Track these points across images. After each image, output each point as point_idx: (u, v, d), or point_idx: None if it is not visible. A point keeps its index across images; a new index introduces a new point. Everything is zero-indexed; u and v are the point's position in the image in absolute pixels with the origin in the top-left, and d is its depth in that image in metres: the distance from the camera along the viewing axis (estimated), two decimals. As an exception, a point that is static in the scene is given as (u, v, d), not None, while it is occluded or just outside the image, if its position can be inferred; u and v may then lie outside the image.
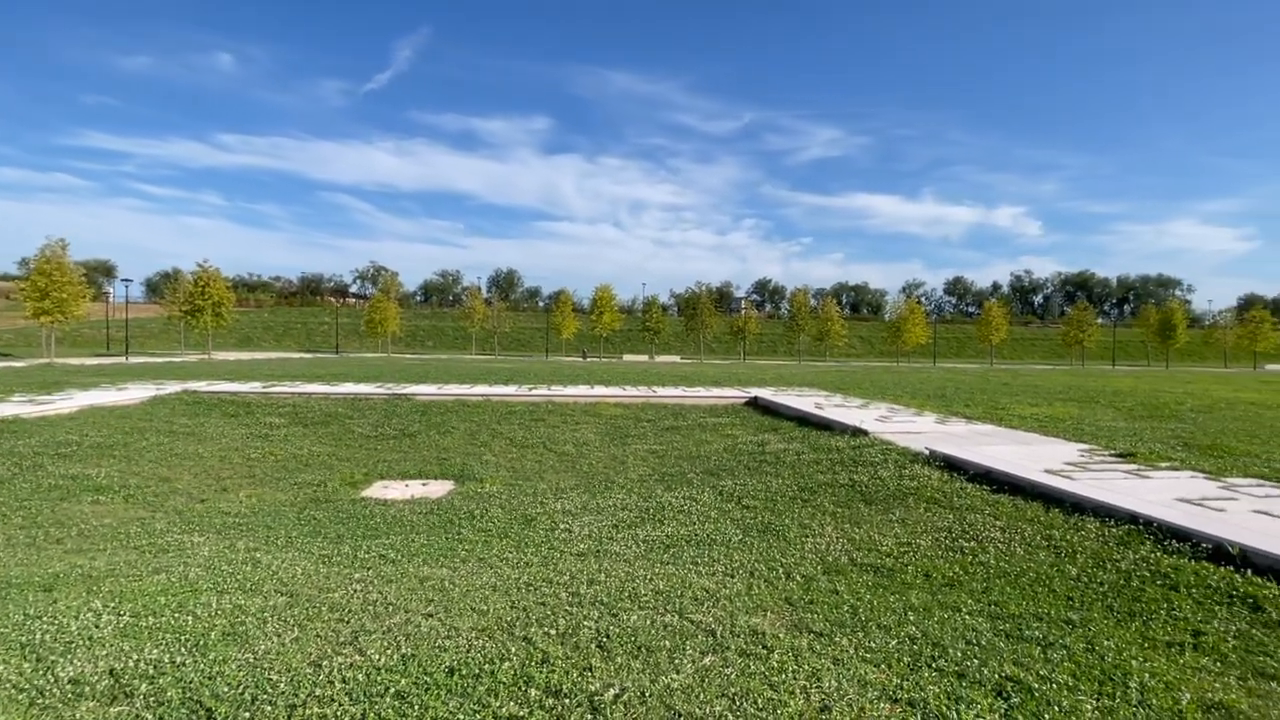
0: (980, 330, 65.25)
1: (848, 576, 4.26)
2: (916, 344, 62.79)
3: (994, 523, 5.35)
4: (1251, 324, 64.31)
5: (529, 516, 5.91)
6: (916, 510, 5.86)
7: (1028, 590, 3.98)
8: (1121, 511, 5.16)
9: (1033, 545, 4.78)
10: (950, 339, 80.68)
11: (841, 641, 3.19)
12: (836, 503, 6.26)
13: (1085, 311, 65.92)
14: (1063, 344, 66.49)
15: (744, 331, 64.78)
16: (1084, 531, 4.98)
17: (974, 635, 3.31)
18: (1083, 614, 3.61)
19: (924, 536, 5.10)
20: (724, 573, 4.28)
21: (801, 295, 69.92)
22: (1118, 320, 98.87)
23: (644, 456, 8.93)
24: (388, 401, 13.29)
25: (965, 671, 2.88)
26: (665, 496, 6.59)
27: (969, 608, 3.72)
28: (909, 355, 66.52)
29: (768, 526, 5.50)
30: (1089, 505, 5.47)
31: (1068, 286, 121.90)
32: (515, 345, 75.14)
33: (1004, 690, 2.72)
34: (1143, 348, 70.76)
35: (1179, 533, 4.65)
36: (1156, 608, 3.65)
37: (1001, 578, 4.19)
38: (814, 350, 69.63)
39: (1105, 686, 2.77)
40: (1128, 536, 4.80)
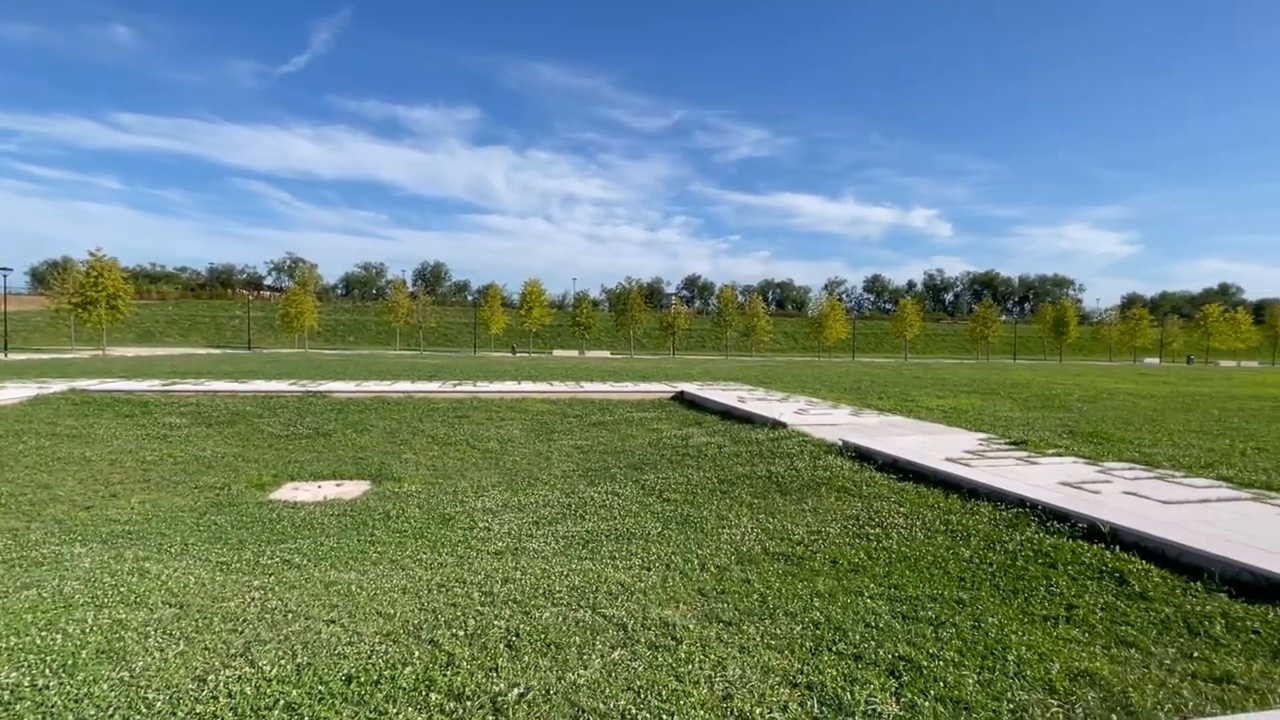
0: (896, 326, 68.41)
1: (760, 565, 4.36)
2: (837, 339, 65.22)
3: (898, 509, 5.61)
4: (1132, 321, 70.26)
5: (447, 516, 5.76)
6: (828, 499, 6.07)
7: (925, 573, 4.19)
8: (1011, 496, 5.51)
9: (932, 530, 5.04)
10: (868, 335, 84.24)
11: (749, 629, 3.27)
12: (754, 494, 6.41)
13: (990, 309, 70.22)
14: (970, 339, 70.59)
15: (674, 327, 65.48)
16: (978, 515, 5.29)
17: (873, 618, 3.46)
18: (972, 593, 3.83)
19: (833, 524, 5.29)
20: (641, 566, 4.30)
21: (729, 292, 71.39)
22: (1019, 317, 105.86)
23: (569, 452, 8.87)
24: (302, 399, 12.66)
25: (862, 653, 3.00)
26: (588, 492, 6.56)
27: (871, 592, 3.88)
28: (830, 350, 69.05)
29: (686, 519, 5.56)
30: (984, 491, 5.81)
31: (975, 285, 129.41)
32: (442, 341, 73.19)
33: (896, 669, 2.85)
34: (1040, 343, 76.02)
35: (1060, 514, 5.00)
36: (1037, 585, 3.92)
37: (902, 562, 4.40)
38: (741, 345, 71.19)
39: (987, 661, 2.94)
40: (1016, 519, 5.13)
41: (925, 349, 79.44)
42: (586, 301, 67.17)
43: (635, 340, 70.15)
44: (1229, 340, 68.59)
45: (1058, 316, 69.21)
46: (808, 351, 72.34)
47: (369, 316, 78.76)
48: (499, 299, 64.58)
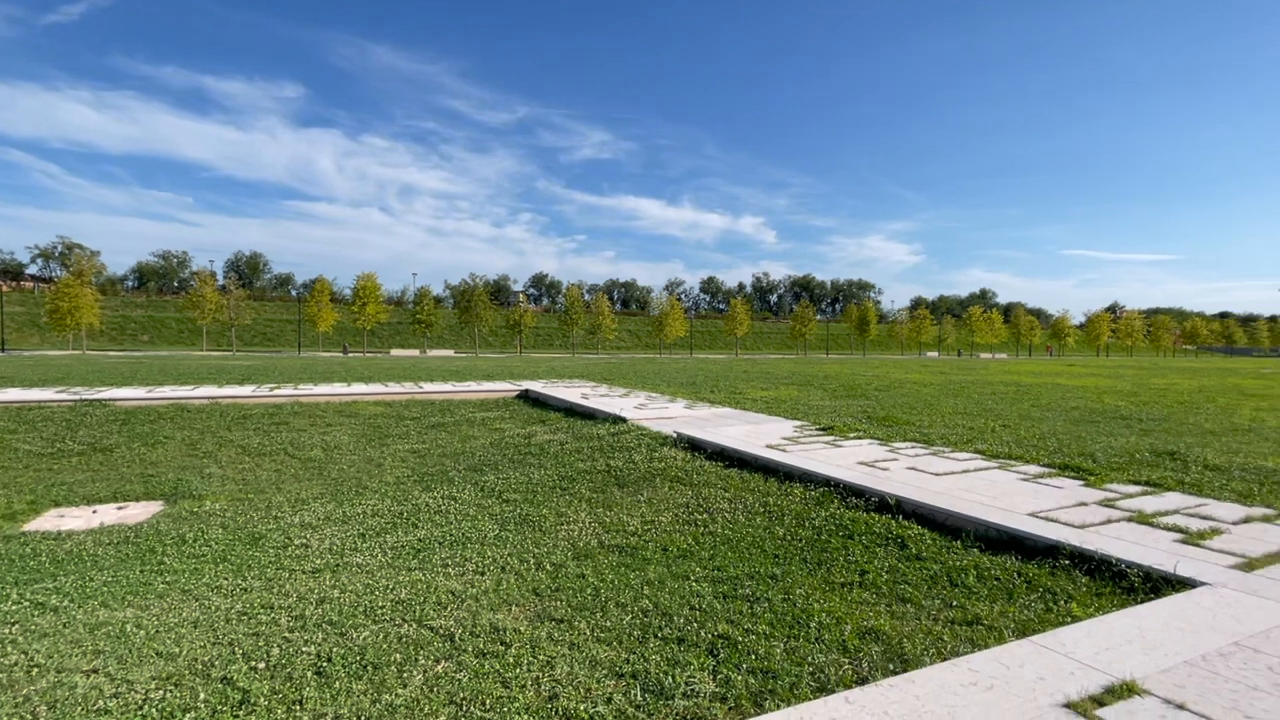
0: (728, 325, 72.87)
1: (595, 559, 4.38)
2: (677, 337, 68.12)
3: (724, 495, 5.94)
4: (918, 320, 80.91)
5: (257, 534, 5.15)
6: (662, 489, 6.28)
7: (745, 553, 4.46)
8: (819, 477, 6.06)
9: (752, 512, 5.39)
10: (704, 332, 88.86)
11: (580, 625, 3.26)
12: (593, 488, 6.45)
13: (807, 309, 77.11)
14: (791, 336, 77.06)
15: (520, 325, 64.43)
16: (791, 496, 5.75)
17: (698, 600, 3.61)
18: (784, 568, 4.14)
19: (666, 513, 5.47)
20: (474, 571, 4.14)
21: (576, 290, 71.59)
22: (831, 317, 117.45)
23: (404, 457, 8.35)
24: (74, 409, 10.68)
25: (686, 636, 3.12)
26: (422, 498, 6.21)
27: (697, 575, 4.05)
28: (670, 347, 71.94)
29: (526, 519, 5.46)
30: (797, 473, 6.33)
31: (796, 287, 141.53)
32: (260, 340, 65.78)
33: (715, 648, 2.99)
34: (848, 339, 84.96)
35: (857, 491, 5.58)
36: (837, 555, 4.33)
37: (725, 544, 4.65)
38: (587, 343, 71.77)
39: (794, 630, 3.19)
40: (822, 497, 5.64)
41: (753, 345, 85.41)
42: (428, 298, 63.61)
43: (481, 339, 68.03)
44: (987, 336, 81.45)
45: (861, 316, 77.76)
46: (650, 349, 74.66)
47: (169, 313, 68.60)
48: (328, 294, 59.26)
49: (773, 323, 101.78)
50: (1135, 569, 3.68)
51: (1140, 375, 26.93)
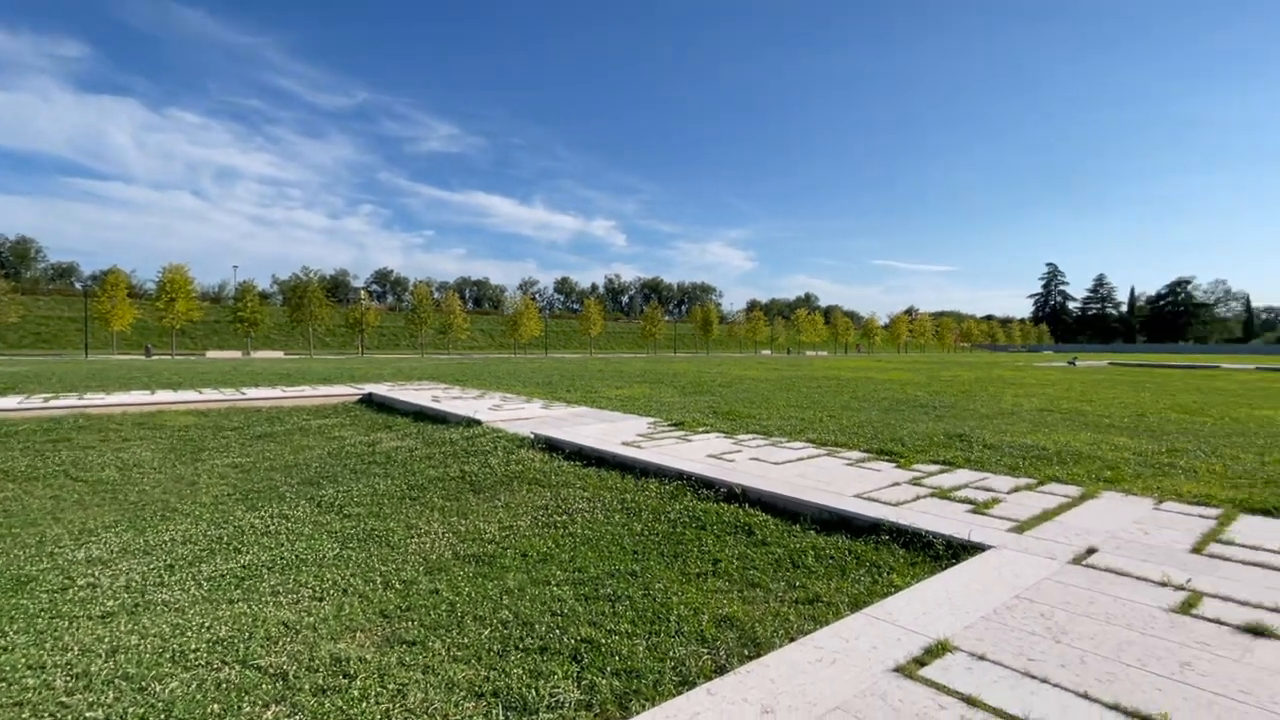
0: (582, 325, 73.16)
1: (450, 572, 4.12)
2: (531, 337, 67.06)
3: (583, 494, 5.88)
4: (754, 321, 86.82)
5: (25, 577, 4.21)
6: (520, 493, 6.08)
7: (605, 551, 4.43)
8: (673, 471, 6.21)
9: (611, 509, 5.38)
10: (559, 332, 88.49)
11: (435, 645, 3.03)
12: (446, 496, 6.09)
13: (656, 310, 79.64)
14: (642, 336, 79.08)
15: (362, 324, 59.75)
16: (648, 491, 5.83)
17: (559, 605, 3.51)
18: (644, 563, 4.17)
19: (524, 517, 5.30)
20: (311, 597, 3.70)
21: (424, 288, 67.75)
22: (678, 317, 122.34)
23: (223, 473, 7.33)
24: None
25: (548, 644, 3.01)
26: (247, 518, 5.47)
27: (558, 579, 3.95)
28: (525, 347, 70.73)
29: (371, 534, 5.01)
30: (652, 469, 6.44)
31: (645, 289, 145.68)
32: (34, 342, 54.97)
33: (579, 653, 2.92)
34: (694, 338, 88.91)
35: (708, 482, 5.79)
36: (692, 546, 4.44)
37: (586, 544, 4.59)
38: (437, 343, 68.41)
39: (655, 625, 3.20)
40: (676, 490, 5.78)
41: (607, 345, 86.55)
42: (252, 294, 56.61)
43: (316, 339, 62.23)
44: (811, 336, 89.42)
45: (705, 317, 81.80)
46: (504, 349, 72.86)
47: (-100, 310, 54.97)
48: (125, 287, 50.75)
49: (625, 323, 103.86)
50: (940, 539, 4.16)
51: (932, 369, 31.02)
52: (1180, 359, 54.28)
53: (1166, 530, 4.39)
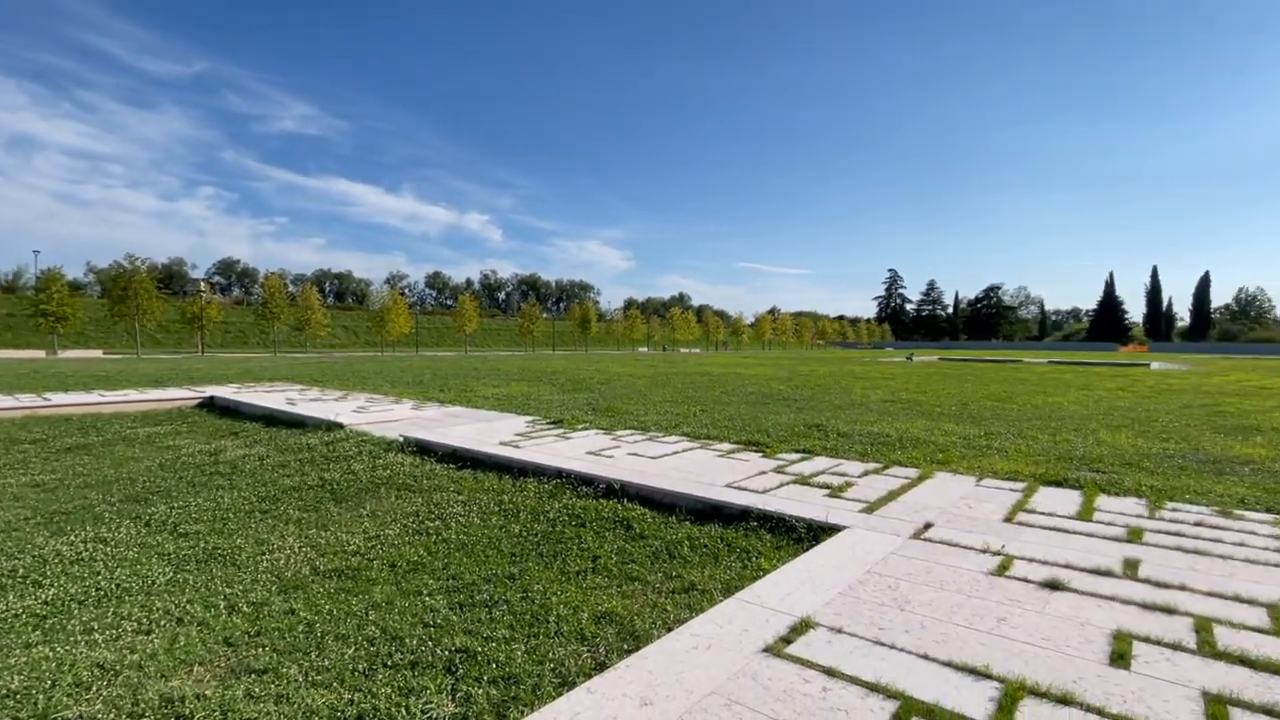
0: (456, 321, 70.31)
1: (308, 590, 3.77)
2: (401, 334, 63.36)
3: (457, 498, 5.64)
4: (631, 319, 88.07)
5: None
6: (388, 499, 5.72)
7: (481, 556, 4.27)
8: (551, 469, 6.12)
9: (488, 512, 5.21)
10: (432, 329, 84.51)
11: (289, 671, 2.75)
12: (304, 507, 5.59)
13: (534, 307, 78.34)
14: (520, 333, 77.51)
15: (202, 319, 53.35)
16: (526, 491, 5.70)
17: (432, 615, 3.33)
18: (522, 565, 4.07)
19: (393, 525, 4.98)
20: (136, 631, 3.23)
21: (276, 280, 61.57)
22: (556, 315, 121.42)
23: (18, 494, 6.22)
24: None
25: (420, 658, 2.84)
26: (51, 545, 4.67)
27: (431, 588, 3.74)
28: (394, 345, 66.80)
29: (213, 553, 4.47)
30: (530, 468, 6.32)
31: (523, 286, 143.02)
32: None
33: (453, 664, 2.78)
34: (573, 336, 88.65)
35: (587, 479, 5.78)
36: (571, 544, 4.40)
37: (460, 550, 4.40)
38: (293, 341, 62.80)
39: (534, 628, 3.13)
40: (555, 489, 5.71)
41: (483, 342, 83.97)
42: (60, 284, 48.38)
43: (146, 336, 54.77)
44: (685, 334, 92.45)
45: (583, 315, 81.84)
46: (371, 346, 68.37)
47: None
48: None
49: (501, 320, 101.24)
50: (802, 522, 4.44)
51: (793, 365, 33.22)
52: (993, 354, 62.38)
53: (985, 504, 5.00)
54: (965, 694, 2.30)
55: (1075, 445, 7.62)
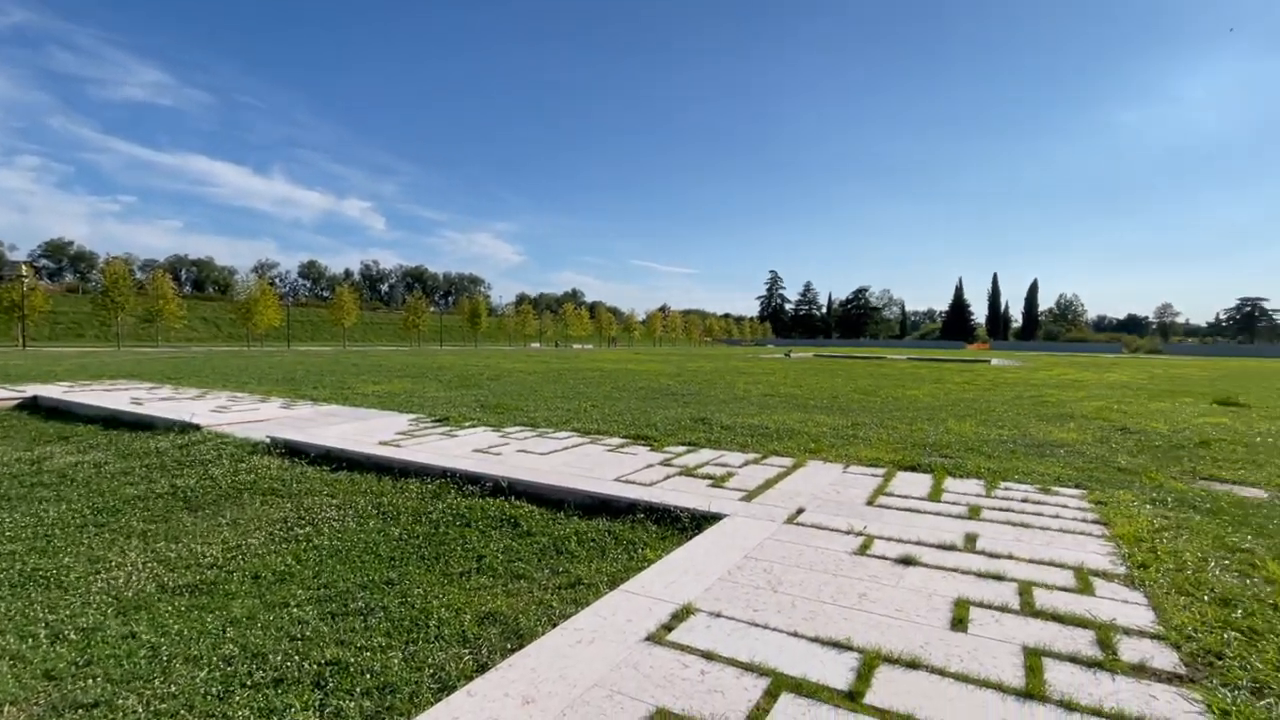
0: (334, 314, 65.51)
1: (154, 609, 3.37)
2: (270, 326, 58.15)
3: (331, 502, 5.28)
4: (523, 315, 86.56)
5: None
6: (252, 506, 5.24)
7: (357, 562, 4.02)
8: (436, 469, 5.88)
9: (365, 516, 4.91)
10: (305, 322, 78.35)
11: (127, 702, 2.45)
12: (150, 518, 4.99)
13: (420, 300, 74.77)
14: (404, 327, 73.75)
15: (23, 308, 46.06)
16: (408, 492, 5.44)
17: (300, 628, 3.09)
18: (401, 570, 3.87)
19: (258, 534, 4.57)
20: (-75, 672, 2.73)
21: (120, 265, 54.20)
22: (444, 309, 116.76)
23: None
24: None
25: (285, 675, 2.63)
26: None
27: (299, 599, 3.48)
28: (263, 339, 61.23)
29: (32, 576, 3.88)
30: (413, 468, 6.03)
31: (408, 278, 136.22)
32: None
33: (322, 678, 2.59)
34: (461, 331, 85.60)
35: (473, 478, 5.60)
36: (455, 545, 4.25)
37: (334, 557, 4.12)
38: (142, 334, 55.88)
39: (413, 634, 2.99)
40: (440, 489, 5.50)
41: (364, 336, 79.05)
42: None
43: (-55, 327, 46.49)
44: (578, 330, 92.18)
45: (473, 309, 79.21)
46: (235, 340, 62.30)
47: None
48: None
49: (385, 313, 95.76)
50: (686, 512, 4.57)
51: (681, 361, 34.12)
52: (861, 351, 67.50)
53: (851, 489, 5.40)
54: (830, 666, 2.47)
55: (928, 433, 8.42)
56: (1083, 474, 6.14)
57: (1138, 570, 3.62)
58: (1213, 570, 3.65)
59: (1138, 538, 4.19)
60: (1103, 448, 7.63)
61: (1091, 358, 54.32)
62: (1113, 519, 4.62)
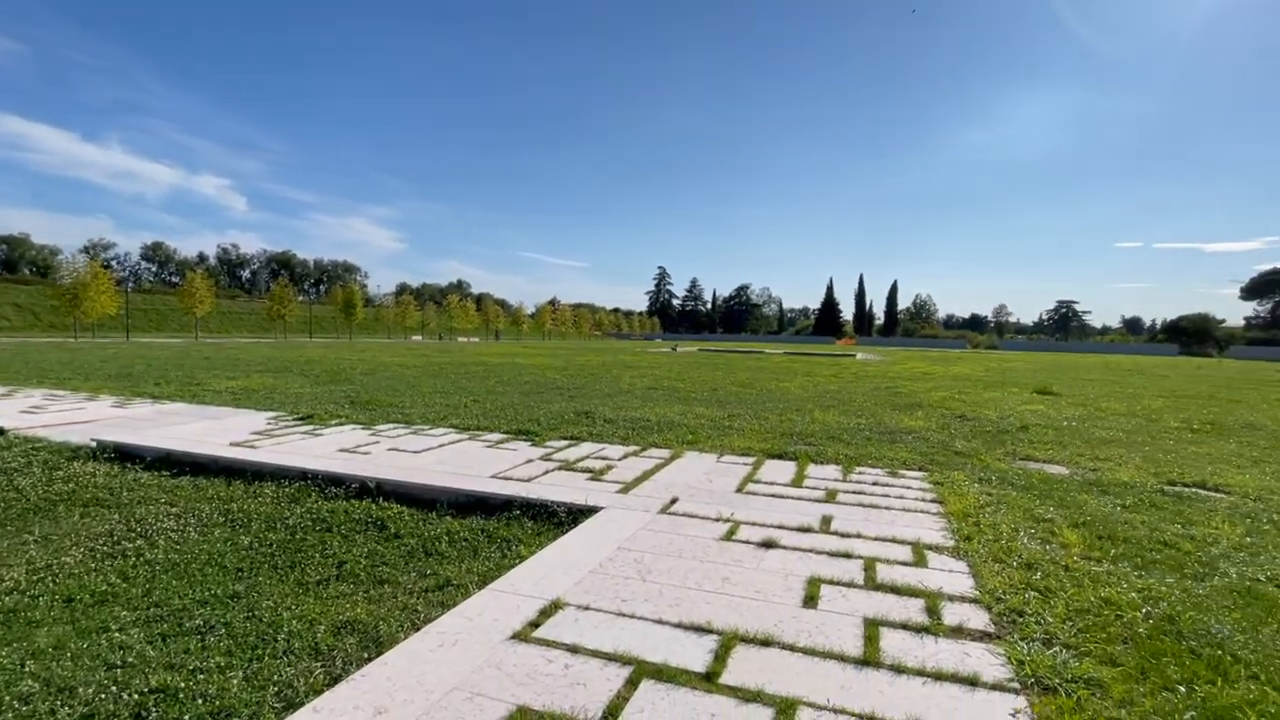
0: (184, 302, 58.64)
1: (-74, 647, 2.85)
2: (104, 315, 50.95)
3: (169, 511, 4.74)
4: (403, 305, 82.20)
5: None
6: (69, 520, 4.58)
7: (197, 576, 3.64)
8: (295, 470, 5.46)
9: (209, 525, 4.46)
10: (150, 311, 69.57)
11: (-119, 760, 2.05)
12: (-73, 540, 4.22)
13: (287, 289, 68.61)
14: (268, 318, 67.55)
15: None
16: (262, 497, 5.01)
17: (122, 654, 2.75)
18: (250, 582, 3.56)
19: (74, 551, 4.00)
20: None
21: (-105, 241, 45.21)
22: (315, 298, 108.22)
23: None
24: None
25: (96, 709, 2.32)
26: None
27: (123, 621, 3.09)
28: (95, 329, 53.56)
29: None
30: (269, 470, 5.55)
31: (274, 264, 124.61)
32: None
33: (144, 709, 2.32)
34: (334, 322, 79.81)
35: (338, 479, 5.26)
36: (313, 552, 3.97)
37: (169, 572, 3.70)
38: (-73, 321, 47.07)
39: (257, 649, 2.76)
40: (299, 492, 5.10)
41: (221, 327, 71.49)
42: None
43: None
44: (463, 322, 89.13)
45: (347, 299, 74.03)
46: (59, 331, 54.10)
47: None
48: None
49: (246, 302, 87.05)
50: (563, 507, 4.57)
51: (570, 354, 34.00)
52: (743, 346, 70.76)
53: (723, 477, 5.65)
54: (690, 650, 2.57)
55: (796, 423, 8.98)
56: (926, 458, 6.83)
57: (963, 542, 4.08)
58: (1021, 539, 4.19)
59: (965, 513, 4.73)
60: (944, 433, 8.53)
61: (941, 352, 60.53)
62: (947, 497, 5.18)
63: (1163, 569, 3.76)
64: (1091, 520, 4.66)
